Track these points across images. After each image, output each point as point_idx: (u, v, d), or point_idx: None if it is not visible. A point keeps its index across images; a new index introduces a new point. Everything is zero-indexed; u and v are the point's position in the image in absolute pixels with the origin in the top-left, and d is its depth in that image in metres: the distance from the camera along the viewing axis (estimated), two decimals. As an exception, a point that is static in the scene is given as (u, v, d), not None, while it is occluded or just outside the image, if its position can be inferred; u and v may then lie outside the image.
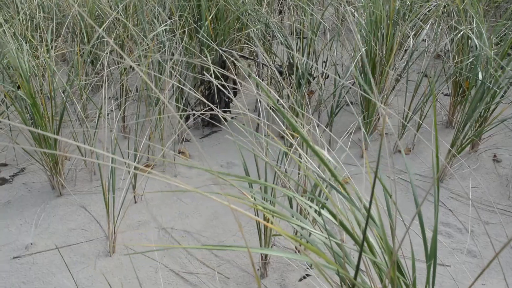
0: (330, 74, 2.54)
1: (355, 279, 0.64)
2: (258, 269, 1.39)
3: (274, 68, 1.95)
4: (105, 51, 2.32)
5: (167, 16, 2.28)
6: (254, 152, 0.89)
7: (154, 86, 1.90)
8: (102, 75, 2.44)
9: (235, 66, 2.22)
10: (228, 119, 2.26)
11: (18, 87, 1.76)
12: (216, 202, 1.70)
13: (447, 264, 1.41)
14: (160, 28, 1.95)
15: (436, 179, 0.65)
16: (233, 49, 2.21)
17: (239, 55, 2.07)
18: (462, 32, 2.03)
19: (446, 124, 2.22)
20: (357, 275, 0.62)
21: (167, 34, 2.10)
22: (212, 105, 1.33)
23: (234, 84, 2.23)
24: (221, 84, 2.15)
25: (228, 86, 2.19)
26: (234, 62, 2.26)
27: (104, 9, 2.41)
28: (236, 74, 2.48)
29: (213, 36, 2.09)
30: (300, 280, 1.35)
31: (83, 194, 1.74)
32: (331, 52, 2.88)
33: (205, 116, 2.21)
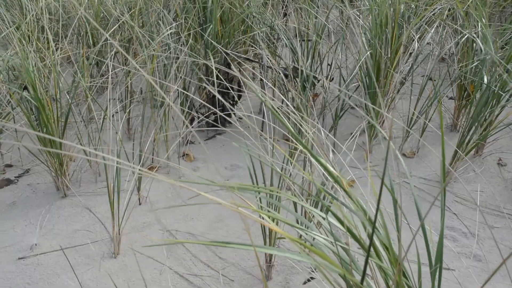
0: (335, 77, 2.53)
1: (362, 284, 0.64)
2: (262, 272, 1.39)
3: (279, 71, 1.95)
4: (110, 54, 2.33)
5: (172, 18, 2.29)
6: (260, 159, 0.89)
7: (159, 88, 1.91)
8: (107, 77, 2.45)
9: (240, 69, 2.23)
10: (233, 122, 2.26)
11: (24, 88, 1.77)
12: (220, 205, 1.70)
13: (452, 268, 1.40)
14: (167, 32, 1.96)
15: (443, 189, 0.65)
16: (238, 52, 2.22)
17: (244, 58, 2.07)
18: (467, 36, 2.03)
19: (451, 128, 2.21)
20: (363, 281, 0.62)
21: (172, 36, 2.11)
22: (216, 109, 1.33)
23: (239, 87, 2.23)
24: (226, 87, 2.16)
25: (233, 89, 2.19)
26: (239, 65, 2.26)
27: (110, 11, 2.42)
28: (239, 80, 2.48)
29: (219, 39, 2.09)
30: (305, 283, 1.35)
31: (88, 196, 1.74)
32: (336, 55, 2.88)
33: (209, 119, 2.21)
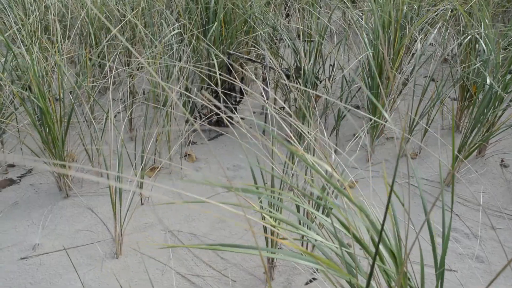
0: (337, 77, 2.53)
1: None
2: (264, 273, 1.39)
3: (281, 71, 1.95)
4: (112, 56, 2.33)
5: (175, 19, 2.29)
6: (260, 166, 0.89)
7: (162, 89, 1.91)
8: (110, 78, 2.45)
9: (242, 69, 2.23)
10: (235, 123, 2.27)
11: (27, 88, 1.77)
12: (222, 206, 1.70)
13: (455, 270, 1.40)
14: (171, 34, 1.96)
15: (452, 192, 0.64)
16: (240, 52, 2.22)
17: (247, 58, 2.07)
18: (470, 36, 2.02)
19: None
20: (369, 286, 0.62)
21: (175, 37, 2.11)
22: (218, 110, 1.33)
23: (241, 89, 2.23)
24: (228, 88, 2.16)
25: (235, 89, 2.19)
26: (242, 65, 2.26)
27: (112, 12, 2.42)
28: (243, 78, 2.48)
29: (222, 39, 2.10)
30: (307, 284, 1.35)
31: (90, 196, 1.75)
32: (338, 56, 2.88)
33: (212, 119, 2.21)
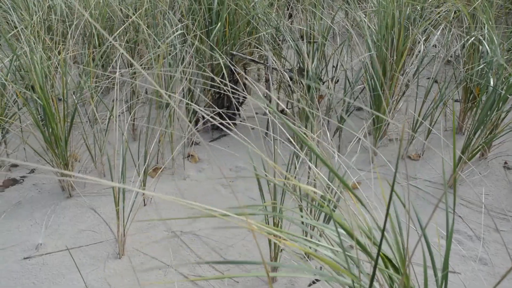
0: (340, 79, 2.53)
1: None
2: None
3: (284, 72, 1.95)
4: (116, 56, 2.33)
5: (177, 20, 2.29)
6: (261, 176, 0.89)
7: (165, 89, 1.91)
8: (113, 78, 2.45)
9: (245, 70, 2.23)
10: (238, 123, 2.27)
11: (30, 88, 1.78)
12: (224, 212, 1.70)
13: (458, 272, 1.40)
14: (174, 35, 1.96)
15: (454, 193, 0.64)
16: (243, 53, 2.22)
17: (250, 59, 2.07)
18: (473, 38, 2.02)
19: (456, 130, 2.20)
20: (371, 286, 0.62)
21: (178, 37, 2.11)
22: (221, 110, 1.33)
23: (244, 88, 2.23)
24: (231, 89, 2.16)
25: (238, 90, 2.19)
26: (244, 67, 2.26)
27: (115, 12, 2.43)
28: (245, 79, 2.48)
29: (225, 40, 2.10)
30: (310, 285, 1.34)
31: (93, 196, 1.75)
32: (341, 57, 2.88)
33: (215, 120, 2.21)
